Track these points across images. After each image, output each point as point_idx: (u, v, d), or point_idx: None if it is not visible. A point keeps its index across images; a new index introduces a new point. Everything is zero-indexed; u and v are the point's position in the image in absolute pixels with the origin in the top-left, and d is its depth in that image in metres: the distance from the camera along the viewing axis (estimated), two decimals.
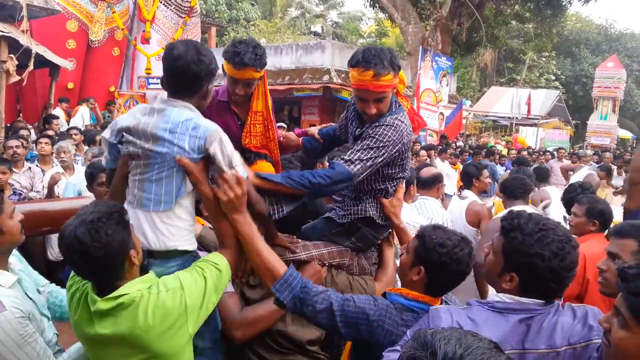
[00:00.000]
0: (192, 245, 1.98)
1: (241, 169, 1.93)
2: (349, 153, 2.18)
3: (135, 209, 1.91)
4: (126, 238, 1.68)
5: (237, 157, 1.94)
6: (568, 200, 3.97)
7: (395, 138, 2.18)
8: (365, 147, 2.16)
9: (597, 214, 3.17)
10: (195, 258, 1.98)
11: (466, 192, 4.68)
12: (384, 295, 1.97)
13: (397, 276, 2.21)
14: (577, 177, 7.62)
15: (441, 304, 1.91)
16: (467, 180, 4.72)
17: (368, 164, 2.14)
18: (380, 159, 2.17)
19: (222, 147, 1.88)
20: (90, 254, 1.59)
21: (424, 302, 1.86)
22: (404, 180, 2.48)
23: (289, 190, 2.08)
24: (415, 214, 3.77)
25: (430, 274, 1.85)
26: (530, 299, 1.62)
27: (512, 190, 4.02)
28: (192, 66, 1.87)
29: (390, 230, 2.55)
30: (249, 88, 2.37)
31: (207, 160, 1.90)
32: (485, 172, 4.73)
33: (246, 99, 2.42)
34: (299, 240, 2.40)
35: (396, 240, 2.62)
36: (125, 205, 1.92)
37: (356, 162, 2.12)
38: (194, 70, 1.88)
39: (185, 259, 1.94)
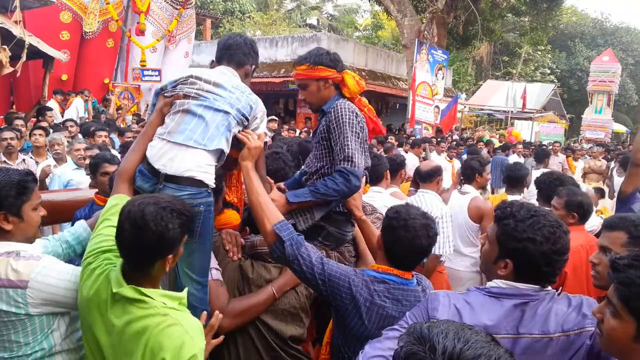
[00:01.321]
0: (207, 179, 2.04)
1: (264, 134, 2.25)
2: (337, 153, 2.33)
3: (164, 138, 2.04)
4: (178, 241, 1.72)
5: (264, 128, 2.29)
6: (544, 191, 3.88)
7: (348, 114, 2.34)
8: (339, 134, 2.32)
9: (576, 206, 3.10)
10: (207, 196, 2.04)
11: (467, 187, 4.61)
12: None
13: None
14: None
15: (412, 277, 2.01)
16: (470, 175, 4.62)
17: (352, 144, 2.29)
18: (353, 134, 2.32)
19: (263, 116, 2.27)
20: (144, 232, 1.62)
21: (393, 273, 1.97)
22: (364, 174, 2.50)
23: (315, 203, 2.31)
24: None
25: (385, 239, 1.99)
26: (524, 285, 1.66)
27: (509, 182, 4.02)
28: (242, 45, 2.29)
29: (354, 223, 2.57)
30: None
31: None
32: (488, 168, 4.68)
33: None
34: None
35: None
36: (149, 147, 2.07)
37: (347, 151, 2.28)
38: (244, 48, 2.28)
39: (198, 190, 2.00)
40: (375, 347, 1.64)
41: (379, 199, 3.71)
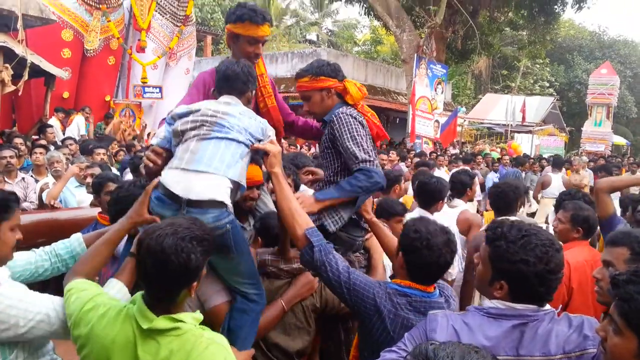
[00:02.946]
0: (227, 200, 2.04)
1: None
2: (349, 159, 2.37)
3: (183, 167, 2.03)
4: (201, 267, 1.69)
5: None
6: (559, 205, 3.88)
7: (351, 120, 2.39)
8: (347, 139, 2.35)
9: (582, 220, 3.07)
10: (230, 214, 2.05)
11: (456, 201, 4.57)
12: None
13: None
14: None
15: (435, 289, 2.01)
16: (461, 189, 4.58)
17: (364, 145, 2.35)
18: (360, 137, 2.37)
19: (273, 135, 2.31)
20: (167, 266, 1.60)
21: (415, 287, 1.97)
22: None
23: (344, 200, 2.33)
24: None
25: (408, 259, 1.98)
26: (522, 305, 1.64)
27: (498, 207, 3.87)
28: (240, 74, 2.32)
29: (366, 231, 2.59)
30: (261, 48, 2.63)
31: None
32: (476, 181, 4.70)
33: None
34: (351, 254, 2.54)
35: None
36: (165, 169, 2.09)
37: (361, 155, 2.32)
38: (242, 77, 2.32)
39: (220, 211, 2.01)
40: None
41: None
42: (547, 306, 1.68)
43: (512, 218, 3.52)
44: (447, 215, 4.44)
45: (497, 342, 1.59)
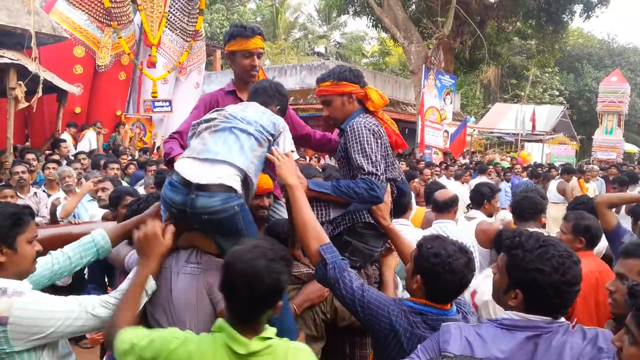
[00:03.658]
0: (235, 185, 2.07)
1: (293, 151, 2.32)
2: (356, 169, 2.36)
3: (194, 157, 2.10)
4: (285, 285, 1.74)
5: (290, 144, 2.33)
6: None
7: (363, 131, 2.38)
8: (356, 151, 2.35)
9: (583, 230, 3.02)
10: (239, 198, 2.07)
11: (474, 212, 4.53)
12: None
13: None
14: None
15: (452, 306, 1.96)
16: (479, 200, 4.52)
17: (373, 158, 2.33)
18: (374, 147, 2.36)
19: (286, 132, 2.31)
20: (260, 288, 1.64)
21: (431, 305, 1.92)
22: (389, 184, 2.53)
23: (335, 199, 2.30)
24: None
25: (427, 281, 1.91)
26: (537, 316, 1.63)
27: (522, 212, 3.76)
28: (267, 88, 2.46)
29: (386, 242, 2.56)
30: (259, 60, 2.71)
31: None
32: (497, 196, 4.54)
33: (257, 76, 2.70)
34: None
35: (396, 256, 2.62)
36: (179, 160, 2.15)
37: (368, 168, 2.31)
38: (269, 91, 2.46)
39: (228, 195, 2.04)
40: None
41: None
42: (562, 319, 1.66)
43: (532, 229, 3.49)
44: (465, 227, 4.41)
45: (511, 355, 1.58)
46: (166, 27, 12.83)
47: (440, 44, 16.99)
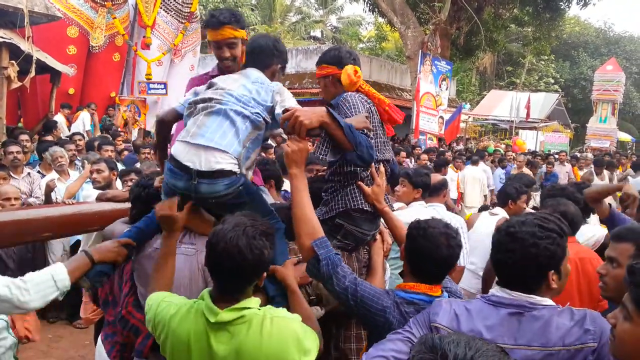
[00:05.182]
0: (236, 168, 2.10)
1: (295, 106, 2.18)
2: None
3: (187, 141, 2.09)
4: (270, 260, 1.82)
5: (291, 99, 2.24)
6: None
7: (353, 100, 2.36)
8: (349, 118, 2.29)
9: (561, 216, 3.04)
10: (242, 178, 2.11)
11: (498, 209, 4.61)
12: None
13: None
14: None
15: (442, 293, 1.98)
16: (504, 200, 4.59)
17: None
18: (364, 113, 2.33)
19: (284, 92, 2.25)
20: (243, 264, 1.71)
21: (421, 292, 1.94)
22: (381, 165, 2.48)
23: (342, 139, 2.13)
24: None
25: (407, 253, 1.99)
26: (522, 294, 1.66)
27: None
28: (265, 48, 2.39)
29: (378, 226, 2.55)
30: (233, 49, 2.52)
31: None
32: (524, 197, 4.54)
33: (235, 64, 2.54)
34: (290, 242, 2.43)
35: (389, 239, 2.62)
36: (175, 142, 2.16)
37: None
38: (267, 50, 2.39)
39: (231, 179, 2.07)
40: (377, 349, 1.70)
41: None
42: (549, 300, 1.68)
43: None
44: (488, 222, 4.47)
45: (494, 329, 1.63)
46: (161, 8, 12.69)
47: (437, 30, 16.90)
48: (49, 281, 1.94)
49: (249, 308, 1.75)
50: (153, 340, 2.09)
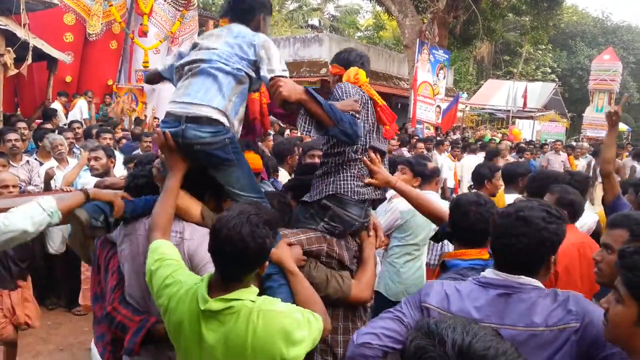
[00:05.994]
0: (222, 118, 2.19)
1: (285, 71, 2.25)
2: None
3: (175, 100, 2.23)
4: (271, 248, 1.84)
5: (280, 63, 2.27)
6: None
7: (346, 86, 2.43)
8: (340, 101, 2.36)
9: (567, 204, 3.01)
10: (229, 132, 2.20)
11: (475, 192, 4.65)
12: (443, 263, 2.26)
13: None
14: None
15: (490, 257, 1.94)
16: (480, 181, 4.56)
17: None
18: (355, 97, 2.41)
19: (271, 49, 2.28)
20: (246, 252, 1.72)
21: (472, 257, 2.13)
22: (370, 152, 2.48)
23: (322, 116, 2.20)
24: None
25: (452, 217, 2.27)
26: (511, 275, 1.70)
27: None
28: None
29: (367, 217, 2.54)
30: None
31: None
32: (498, 174, 4.56)
33: None
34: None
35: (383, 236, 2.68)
36: (167, 105, 2.26)
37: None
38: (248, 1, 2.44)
39: (217, 128, 2.17)
40: (368, 326, 1.75)
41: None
42: (538, 282, 1.71)
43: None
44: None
45: (483, 309, 1.67)
46: None
47: (435, 18, 16.84)
48: (33, 204, 2.02)
49: (239, 300, 1.75)
50: (143, 335, 2.14)
